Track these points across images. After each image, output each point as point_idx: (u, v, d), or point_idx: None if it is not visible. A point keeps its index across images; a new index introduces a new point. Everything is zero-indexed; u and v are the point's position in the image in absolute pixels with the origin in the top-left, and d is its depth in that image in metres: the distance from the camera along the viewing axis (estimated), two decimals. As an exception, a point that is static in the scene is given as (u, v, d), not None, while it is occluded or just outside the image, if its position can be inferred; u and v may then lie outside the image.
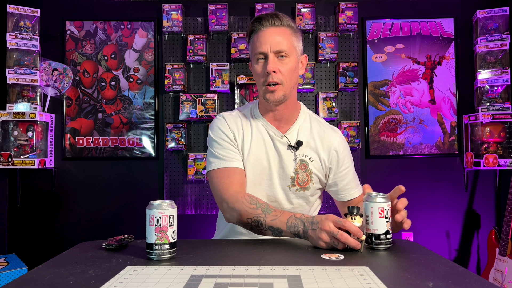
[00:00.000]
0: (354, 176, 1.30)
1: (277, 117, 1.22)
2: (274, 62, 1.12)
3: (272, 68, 1.11)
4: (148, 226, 0.87)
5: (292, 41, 1.15)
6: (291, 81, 1.16)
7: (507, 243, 2.13)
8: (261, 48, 1.13)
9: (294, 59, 1.16)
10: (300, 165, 1.21)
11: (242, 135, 1.22)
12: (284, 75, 1.13)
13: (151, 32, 2.63)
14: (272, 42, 1.12)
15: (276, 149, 1.21)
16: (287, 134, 1.22)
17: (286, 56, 1.13)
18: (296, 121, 1.24)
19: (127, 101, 2.63)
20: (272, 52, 1.12)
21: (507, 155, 2.45)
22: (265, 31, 1.14)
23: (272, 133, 1.22)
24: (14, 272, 2.10)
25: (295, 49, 1.16)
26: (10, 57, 2.39)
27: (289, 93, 1.16)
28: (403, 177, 2.65)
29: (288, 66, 1.14)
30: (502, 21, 2.49)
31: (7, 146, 2.38)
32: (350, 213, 0.94)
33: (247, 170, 1.20)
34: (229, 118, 1.24)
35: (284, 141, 1.21)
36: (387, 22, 2.68)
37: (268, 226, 1.04)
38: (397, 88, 2.66)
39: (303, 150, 1.22)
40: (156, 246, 0.86)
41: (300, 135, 1.22)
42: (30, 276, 0.77)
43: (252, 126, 1.23)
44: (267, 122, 1.23)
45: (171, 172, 2.58)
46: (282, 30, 1.15)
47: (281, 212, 1.04)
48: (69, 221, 2.60)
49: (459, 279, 0.73)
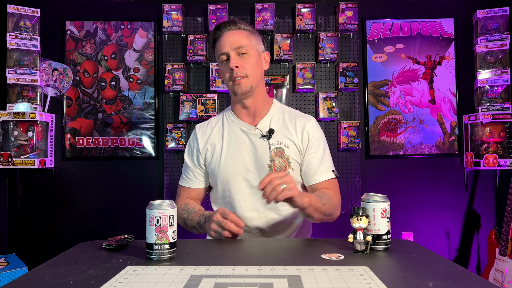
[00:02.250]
0: (323, 161, 1.29)
1: (250, 113, 1.30)
2: (236, 58, 1.21)
3: (234, 63, 1.20)
4: (148, 226, 0.87)
5: (250, 40, 1.24)
6: (256, 74, 1.24)
7: (507, 243, 2.13)
8: (222, 49, 1.23)
9: (255, 54, 1.24)
10: (276, 152, 1.26)
11: (214, 140, 1.33)
12: (247, 69, 1.22)
13: (151, 32, 2.64)
14: (231, 41, 1.22)
15: (250, 143, 1.28)
16: (259, 125, 1.29)
17: (246, 52, 1.22)
18: (268, 113, 1.31)
19: (127, 101, 2.63)
20: (232, 50, 1.22)
21: (507, 155, 2.45)
22: (224, 35, 1.24)
23: (245, 128, 1.30)
24: (14, 272, 2.10)
25: (254, 46, 1.25)
26: (10, 57, 2.39)
27: (256, 85, 1.25)
28: (403, 177, 2.65)
29: (250, 60, 1.23)
30: (502, 21, 2.49)
31: (7, 146, 2.38)
32: (356, 214, 0.92)
33: (223, 170, 1.28)
34: (200, 131, 1.37)
35: (257, 132, 1.28)
36: (387, 22, 2.68)
37: (190, 225, 1.25)
38: (397, 88, 2.66)
39: (277, 137, 1.27)
40: (156, 246, 0.86)
41: (272, 124, 1.29)
42: (30, 276, 0.77)
43: (224, 129, 1.33)
44: (239, 120, 1.31)
45: (171, 172, 2.58)
46: (239, 32, 1.25)
47: (197, 212, 1.24)
48: (69, 221, 2.60)
49: (459, 279, 0.73)
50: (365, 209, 0.94)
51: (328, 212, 1.18)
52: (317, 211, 1.13)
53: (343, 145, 2.54)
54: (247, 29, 1.27)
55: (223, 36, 1.24)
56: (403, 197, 2.63)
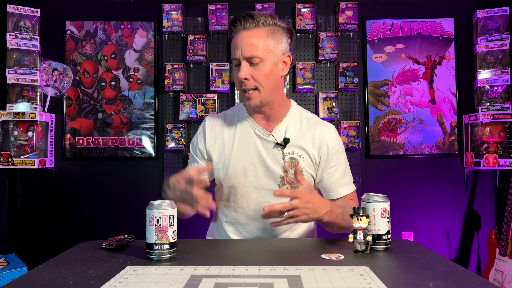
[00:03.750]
0: (345, 174, 1.24)
1: (264, 116, 1.21)
2: (246, 69, 1.09)
3: (243, 76, 1.09)
4: (148, 226, 0.87)
5: (267, 44, 1.10)
6: (269, 85, 1.12)
7: (507, 243, 2.13)
8: (234, 54, 1.11)
9: (270, 62, 1.11)
10: (290, 163, 1.17)
11: (222, 139, 1.23)
12: (258, 81, 1.10)
13: (151, 32, 2.63)
14: (244, 48, 1.09)
15: (263, 149, 1.19)
16: (274, 133, 1.19)
17: (260, 61, 1.09)
18: (285, 118, 1.21)
19: (127, 101, 2.63)
20: (244, 59, 1.09)
21: (507, 155, 2.45)
22: (238, 35, 1.11)
23: (259, 132, 1.20)
24: (14, 272, 2.09)
25: (271, 51, 1.11)
26: (10, 57, 2.39)
27: (268, 97, 1.14)
28: (403, 177, 2.65)
29: (262, 71, 1.10)
30: (502, 21, 2.49)
31: (7, 146, 2.38)
32: (356, 214, 0.92)
33: (231, 175, 1.20)
34: (209, 125, 1.26)
35: (271, 140, 1.19)
36: (387, 22, 2.68)
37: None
38: (397, 88, 2.66)
39: (292, 147, 1.18)
40: (156, 246, 0.86)
41: (288, 132, 1.19)
42: (30, 276, 0.77)
43: (236, 128, 1.23)
44: (253, 122, 1.21)
45: (171, 172, 2.58)
46: (256, 32, 1.10)
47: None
48: (69, 221, 2.60)
49: (459, 279, 0.73)
50: (365, 209, 0.94)
51: (345, 226, 1.12)
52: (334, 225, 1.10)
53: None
54: (268, 23, 1.11)
55: (238, 36, 1.11)
56: (403, 197, 2.63)
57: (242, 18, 1.10)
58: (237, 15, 1.12)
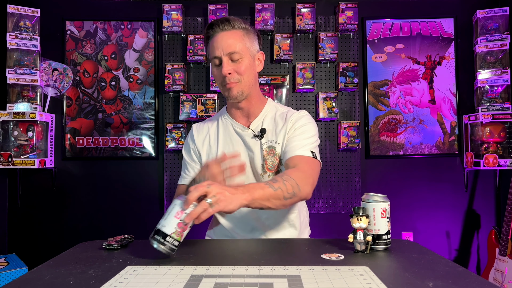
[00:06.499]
0: (306, 143, 1.21)
1: (244, 113, 1.30)
2: (228, 64, 1.19)
3: (226, 71, 1.18)
4: (172, 216, 0.84)
5: (244, 42, 1.21)
6: (249, 78, 1.23)
7: (507, 243, 2.13)
8: (215, 53, 1.20)
9: (248, 58, 1.22)
10: (268, 151, 1.25)
11: (209, 141, 1.33)
12: (240, 74, 1.20)
13: (151, 32, 2.63)
14: (224, 45, 1.19)
15: (244, 143, 1.28)
16: (251, 126, 1.29)
17: (240, 57, 1.20)
18: (261, 113, 1.31)
19: (127, 101, 2.63)
20: (225, 55, 1.19)
21: (507, 155, 2.45)
22: (217, 36, 1.21)
23: (238, 128, 1.30)
24: (14, 272, 2.10)
25: (248, 49, 1.22)
26: (10, 57, 2.39)
27: (248, 89, 1.24)
28: (403, 177, 2.65)
29: (243, 65, 1.20)
30: (502, 21, 2.49)
31: (7, 146, 2.38)
32: (356, 214, 0.92)
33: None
34: (196, 130, 1.37)
35: (250, 133, 1.28)
36: (387, 22, 2.68)
37: None
38: (397, 88, 2.66)
39: (269, 136, 1.27)
40: (171, 239, 0.83)
41: (265, 123, 1.29)
42: (30, 276, 0.77)
43: (219, 128, 1.33)
44: (233, 121, 1.31)
45: (171, 172, 2.58)
46: (233, 33, 1.21)
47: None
48: (69, 221, 2.60)
49: (459, 279, 0.73)
50: (365, 209, 0.94)
51: (287, 195, 1.03)
52: (269, 199, 1.00)
53: (343, 145, 2.54)
54: (242, 27, 1.22)
55: (216, 37, 1.20)
56: (403, 197, 2.63)
57: (220, 21, 1.21)
58: (214, 20, 1.23)
